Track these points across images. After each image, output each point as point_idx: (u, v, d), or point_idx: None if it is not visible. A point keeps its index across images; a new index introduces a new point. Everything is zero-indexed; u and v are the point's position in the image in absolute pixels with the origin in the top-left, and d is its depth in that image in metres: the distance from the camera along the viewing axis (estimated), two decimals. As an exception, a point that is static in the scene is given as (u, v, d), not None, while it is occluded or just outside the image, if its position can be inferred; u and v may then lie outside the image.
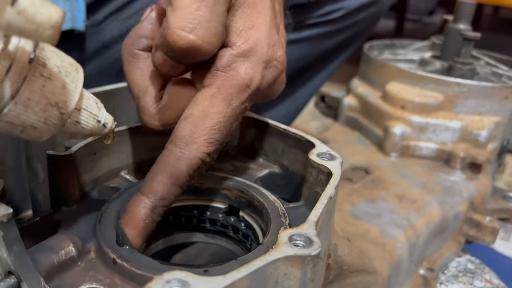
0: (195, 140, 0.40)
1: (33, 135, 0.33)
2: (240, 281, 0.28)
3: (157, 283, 0.27)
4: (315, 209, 0.37)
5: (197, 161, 0.40)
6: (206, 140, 0.40)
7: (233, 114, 0.41)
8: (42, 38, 0.28)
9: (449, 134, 0.82)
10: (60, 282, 0.36)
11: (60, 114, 0.34)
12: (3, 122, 0.31)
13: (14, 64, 0.29)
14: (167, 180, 0.40)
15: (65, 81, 0.34)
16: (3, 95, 0.30)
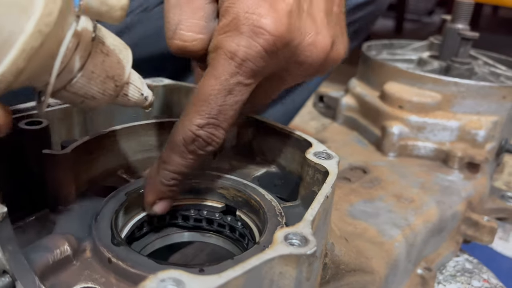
0: (187, 111, 0.43)
1: (91, 105, 0.38)
2: (235, 280, 0.28)
3: (152, 282, 0.27)
4: (311, 208, 0.37)
5: (187, 132, 0.42)
6: (196, 111, 0.42)
7: (223, 88, 0.42)
8: (112, 19, 0.34)
9: (447, 133, 0.82)
10: (55, 281, 0.36)
11: (115, 86, 0.39)
12: (69, 93, 0.36)
13: (80, 42, 0.34)
14: (168, 147, 0.44)
15: (119, 57, 0.39)
16: (73, 68, 0.34)
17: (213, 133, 0.43)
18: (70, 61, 0.34)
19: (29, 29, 0.29)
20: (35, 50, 0.29)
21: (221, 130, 0.43)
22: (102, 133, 0.49)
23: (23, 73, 0.30)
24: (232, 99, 0.42)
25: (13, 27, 0.28)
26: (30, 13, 0.28)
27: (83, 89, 0.36)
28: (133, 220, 0.47)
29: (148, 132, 0.53)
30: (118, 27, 0.85)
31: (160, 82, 0.62)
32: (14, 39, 0.28)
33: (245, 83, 0.42)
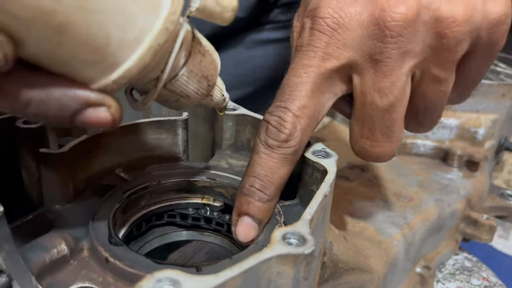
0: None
1: (183, 103, 0.38)
2: (232, 280, 0.28)
3: (148, 282, 0.27)
4: (309, 207, 0.36)
5: (261, 123, 0.43)
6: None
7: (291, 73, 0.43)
8: (223, 20, 0.36)
9: (446, 131, 0.81)
10: (52, 281, 0.36)
11: (208, 86, 0.39)
12: (168, 91, 0.36)
13: (184, 41, 0.35)
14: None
15: (213, 57, 0.39)
16: (177, 66, 0.35)
17: (280, 115, 0.41)
18: (175, 59, 0.34)
19: (158, 26, 0.30)
20: (161, 47, 0.30)
21: (288, 112, 0.40)
22: (99, 131, 0.49)
23: (145, 69, 0.31)
24: (296, 80, 0.41)
25: (144, 25, 0.29)
26: (159, 11, 0.30)
27: (181, 87, 0.36)
28: (131, 219, 0.47)
29: (147, 131, 0.53)
30: None
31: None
32: (144, 35, 0.30)
33: (309, 64, 0.41)
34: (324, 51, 0.40)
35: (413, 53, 0.40)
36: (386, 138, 0.43)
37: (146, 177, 0.50)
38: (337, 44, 0.40)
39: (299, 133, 0.41)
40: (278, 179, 0.42)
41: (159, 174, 0.51)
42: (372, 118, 0.42)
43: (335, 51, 0.40)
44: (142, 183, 0.48)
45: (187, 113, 0.55)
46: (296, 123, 0.41)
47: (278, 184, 0.42)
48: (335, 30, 0.40)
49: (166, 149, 0.54)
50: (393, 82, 0.40)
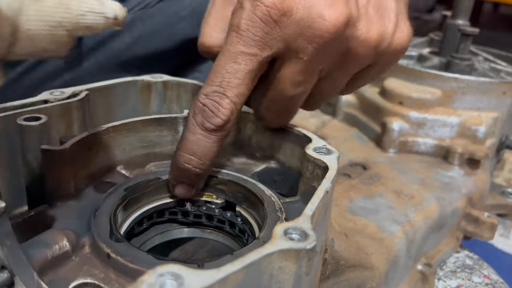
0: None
1: (52, 54, 0.36)
2: (234, 275, 0.28)
3: (150, 276, 0.27)
4: (310, 203, 0.36)
5: (195, 102, 0.45)
6: (204, 83, 0.45)
7: (226, 57, 0.44)
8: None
9: (447, 129, 0.81)
10: (54, 277, 0.36)
11: (67, 32, 0.36)
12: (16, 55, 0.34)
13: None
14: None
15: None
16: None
17: (217, 101, 0.43)
18: None
19: None
20: None
21: (225, 99, 0.43)
22: (101, 129, 0.49)
23: None
24: (235, 66, 0.43)
25: None
26: None
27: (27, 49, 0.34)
28: (133, 216, 0.47)
29: (148, 128, 0.53)
30: None
31: (160, 78, 0.61)
32: None
33: (248, 52, 0.43)
34: (263, 41, 0.43)
35: (328, 58, 0.45)
36: (286, 116, 0.50)
37: (147, 174, 0.50)
38: (275, 36, 0.43)
39: (234, 117, 0.44)
40: (213, 155, 0.46)
41: (160, 171, 0.51)
42: (279, 100, 0.47)
43: (271, 41, 0.43)
44: (143, 180, 0.48)
45: (187, 111, 0.55)
46: (233, 109, 0.44)
47: (212, 158, 0.46)
48: (276, 22, 0.42)
49: (167, 146, 0.54)
50: (306, 79, 0.46)
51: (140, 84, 0.61)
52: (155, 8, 0.87)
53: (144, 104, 0.62)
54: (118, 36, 0.85)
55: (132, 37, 0.86)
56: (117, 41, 0.85)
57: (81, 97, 0.52)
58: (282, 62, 0.45)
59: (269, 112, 0.49)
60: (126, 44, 0.86)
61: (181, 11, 0.87)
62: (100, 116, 0.57)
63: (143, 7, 0.86)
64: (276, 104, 0.48)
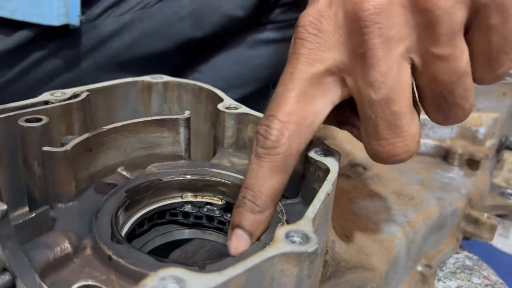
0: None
1: None
2: (236, 278, 0.28)
3: (152, 280, 0.27)
4: (312, 205, 0.36)
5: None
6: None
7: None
8: None
9: (447, 130, 0.81)
10: (55, 279, 0.36)
11: None
12: None
13: None
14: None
15: None
16: None
17: (267, 124, 0.40)
18: None
19: None
20: None
21: (274, 119, 0.39)
22: (102, 130, 0.49)
23: None
24: (281, 88, 0.40)
25: None
26: None
27: None
28: (134, 217, 0.47)
29: (149, 129, 0.53)
30: (118, 25, 0.85)
31: (160, 79, 0.62)
32: None
33: (292, 72, 0.40)
34: (307, 56, 0.40)
35: (398, 38, 0.37)
36: (393, 134, 0.40)
37: (148, 175, 0.50)
38: (319, 48, 0.39)
39: (286, 139, 0.39)
40: (269, 189, 0.40)
41: (161, 172, 0.51)
42: (372, 115, 0.40)
43: (317, 54, 0.39)
44: (144, 182, 0.48)
45: (189, 112, 0.55)
46: (283, 129, 0.39)
47: (269, 194, 0.40)
48: (316, 35, 0.39)
49: (168, 148, 0.54)
50: (384, 73, 0.38)
51: (141, 85, 0.61)
52: (154, 8, 0.87)
53: (145, 105, 0.62)
54: (117, 36, 0.85)
55: (131, 37, 0.86)
56: (116, 41, 0.85)
57: (82, 98, 0.53)
58: (349, 72, 0.40)
59: (376, 139, 0.41)
60: (125, 44, 0.86)
61: (180, 11, 0.87)
62: (101, 117, 0.57)
63: (142, 7, 0.86)
64: (375, 124, 0.40)
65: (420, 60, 0.39)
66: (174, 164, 0.54)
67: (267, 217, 0.41)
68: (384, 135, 0.40)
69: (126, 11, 0.85)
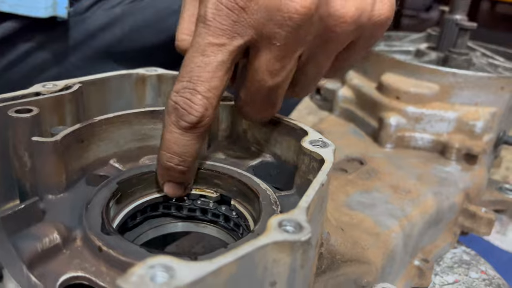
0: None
1: None
2: (227, 267, 0.28)
3: (141, 268, 0.26)
4: (306, 195, 0.36)
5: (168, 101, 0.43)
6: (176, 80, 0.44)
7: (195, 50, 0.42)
8: None
9: (445, 124, 0.81)
10: (44, 270, 0.35)
11: None
12: None
13: None
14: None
15: None
16: None
17: (188, 97, 0.41)
18: None
19: None
20: None
21: (197, 95, 0.41)
22: (93, 121, 0.48)
23: None
24: (204, 59, 0.41)
25: None
26: None
27: None
28: (126, 210, 0.46)
29: (141, 121, 0.52)
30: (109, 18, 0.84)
31: (154, 72, 0.61)
32: None
33: (217, 43, 0.41)
34: (231, 29, 0.41)
35: (304, 42, 0.42)
36: (269, 108, 0.48)
37: (141, 167, 0.49)
38: (243, 23, 0.41)
39: (210, 113, 0.42)
40: (194, 153, 0.45)
41: (153, 164, 0.50)
42: (258, 92, 0.45)
43: (240, 29, 0.41)
44: (136, 173, 0.47)
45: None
46: (207, 105, 0.42)
47: (194, 155, 0.45)
48: (243, 9, 0.40)
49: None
50: (284, 66, 0.43)
51: (135, 78, 0.60)
52: (145, 1, 0.86)
53: (139, 98, 0.61)
54: (107, 30, 0.84)
55: (122, 31, 0.85)
56: (106, 34, 0.84)
57: (74, 90, 0.52)
58: (256, 50, 0.43)
59: (251, 106, 0.47)
60: (116, 38, 0.85)
61: (172, 5, 0.86)
62: (94, 110, 0.56)
63: (133, 0, 0.85)
64: (256, 97, 0.46)
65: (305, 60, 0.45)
66: (167, 157, 0.53)
67: (194, 169, 0.48)
68: (261, 107, 0.48)
69: (117, 4, 0.84)
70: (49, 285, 0.34)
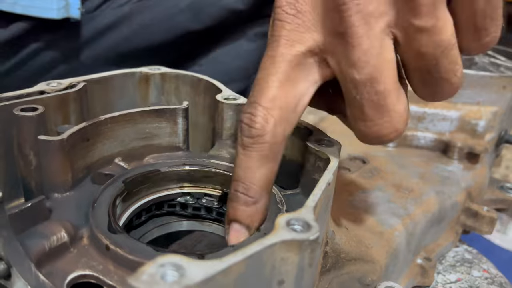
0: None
1: None
2: (236, 266, 0.28)
3: (151, 267, 0.26)
4: (313, 194, 0.36)
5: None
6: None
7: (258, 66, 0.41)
8: None
9: (447, 123, 0.81)
10: (51, 268, 0.35)
11: None
12: None
13: None
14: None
15: None
16: None
17: (249, 111, 0.38)
18: None
19: None
20: None
21: (258, 106, 0.38)
22: (98, 119, 0.48)
23: None
24: (265, 72, 0.39)
25: None
26: None
27: None
28: (131, 208, 0.46)
29: (146, 120, 0.52)
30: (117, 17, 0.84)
31: (157, 70, 0.61)
32: None
33: (273, 54, 0.38)
34: (287, 38, 0.38)
35: (378, 13, 0.36)
36: (379, 114, 0.38)
37: (146, 166, 0.49)
38: (298, 28, 0.38)
39: (272, 126, 0.38)
40: (260, 179, 0.39)
41: (159, 163, 0.50)
42: (357, 96, 0.38)
43: (297, 35, 0.38)
44: (141, 172, 0.47)
45: (187, 102, 0.54)
46: (267, 116, 0.38)
47: (261, 184, 0.39)
48: (294, 15, 0.38)
49: (166, 139, 0.54)
50: (366, 51, 0.36)
51: (138, 76, 0.60)
52: (153, 0, 0.86)
53: (142, 97, 0.62)
54: (115, 28, 0.85)
55: (130, 29, 0.85)
56: (115, 33, 0.84)
57: (78, 88, 0.52)
58: (331, 54, 0.38)
59: (361, 120, 0.39)
60: (123, 36, 0.85)
61: (180, 3, 0.86)
62: (97, 108, 0.56)
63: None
64: (360, 105, 0.38)
65: (403, 35, 0.37)
66: (172, 155, 0.53)
67: (262, 207, 0.40)
68: (370, 115, 0.39)
69: (125, 2, 0.84)
70: (57, 283, 0.34)
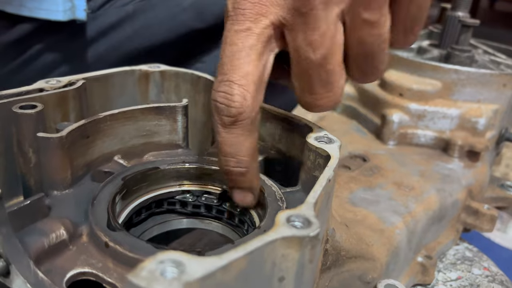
0: None
1: None
2: (237, 262, 0.27)
3: (151, 263, 0.26)
4: (313, 191, 0.36)
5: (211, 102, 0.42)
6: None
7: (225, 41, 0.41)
8: None
9: (447, 121, 0.81)
10: (50, 266, 0.35)
11: None
12: None
13: None
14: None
15: None
16: None
17: (224, 90, 0.39)
18: None
19: None
20: None
21: (232, 84, 0.39)
22: (98, 117, 0.48)
23: None
24: (233, 48, 0.39)
25: None
26: None
27: None
28: (131, 206, 0.46)
29: (146, 117, 0.52)
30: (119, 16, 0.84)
31: (157, 68, 0.61)
32: None
33: (241, 29, 0.39)
34: (252, 11, 0.39)
35: (337, 0, 0.38)
36: (326, 90, 0.42)
37: (145, 164, 0.49)
38: (263, 1, 0.39)
39: (250, 102, 0.39)
40: (247, 150, 0.42)
41: (158, 161, 0.50)
42: (308, 72, 0.41)
43: (262, 8, 0.39)
44: (141, 170, 0.47)
45: (186, 100, 0.54)
46: (244, 93, 0.39)
47: (249, 153, 0.42)
48: None
49: (165, 136, 0.54)
50: (323, 34, 0.39)
51: (138, 74, 0.60)
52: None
53: (142, 95, 0.61)
54: (119, 27, 0.84)
55: (133, 29, 0.85)
56: (118, 32, 0.84)
57: (77, 86, 0.52)
58: (290, 29, 0.40)
59: (309, 93, 0.43)
60: (127, 35, 0.85)
61: (183, 2, 0.86)
62: (97, 106, 0.56)
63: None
64: (308, 80, 0.42)
65: (351, 23, 0.40)
66: (171, 153, 0.53)
67: (255, 169, 0.44)
68: (318, 90, 0.42)
69: (129, 2, 0.84)
70: (56, 281, 0.34)
